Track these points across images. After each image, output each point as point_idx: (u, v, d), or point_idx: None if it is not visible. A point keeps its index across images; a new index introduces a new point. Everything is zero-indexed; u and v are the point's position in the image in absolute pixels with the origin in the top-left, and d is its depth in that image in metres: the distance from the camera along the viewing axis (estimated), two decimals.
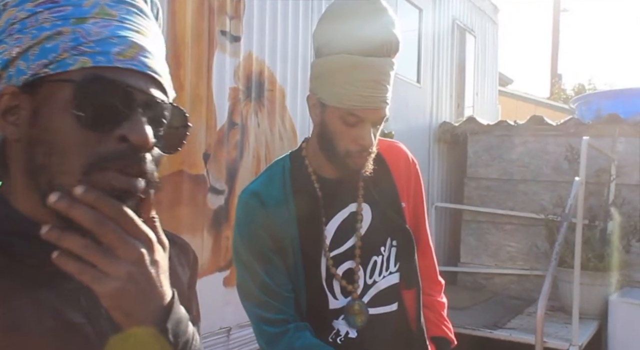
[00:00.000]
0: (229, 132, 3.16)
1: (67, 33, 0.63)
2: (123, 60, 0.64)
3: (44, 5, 0.64)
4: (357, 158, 1.33)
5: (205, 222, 3.03)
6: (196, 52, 2.92)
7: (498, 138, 5.78)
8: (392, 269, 1.47)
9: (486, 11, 7.68)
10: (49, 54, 0.63)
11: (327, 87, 1.31)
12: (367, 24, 1.29)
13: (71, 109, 0.61)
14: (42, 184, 0.63)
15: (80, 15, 0.64)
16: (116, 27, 0.65)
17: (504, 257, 5.67)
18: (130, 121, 0.63)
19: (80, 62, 0.62)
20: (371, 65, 1.27)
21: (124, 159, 0.62)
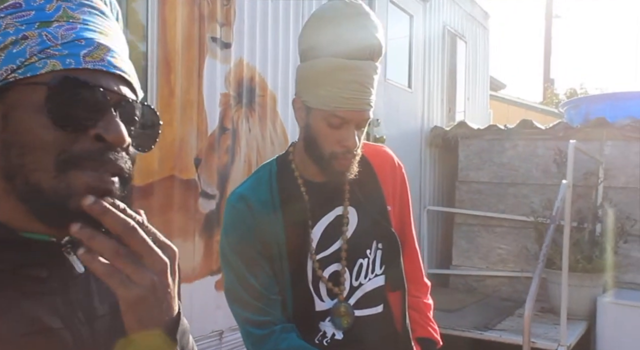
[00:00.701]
0: (220, 137, 3.19)
1: (33, 37, 0.63)
2: (92, 62, 0.64)
3: (6, 11, 0.64)
4: (342, 160, 1.35)
5: (197, 227, 3.05)
6: (187, 58, 2.95)
7: (488, 142, 5.83)
8: (378, 272, 1.49)
9: (476, 17, 7.74)
10: (16, 58, 0.63)
11: (311, 90, 1.34)
12: (350, 28, 1.32)
13: (45, 110, 0.62)
14: (18, 185, 0.63)
15: (44, 19, 0.64)
16: (81, 29, 0.66)
17: (494, 260, 5.71)
18: (105, 120, 0.63)
19: (50, 65, 0.63)
20: (354, 68, 1.30)
21: (100, 157, 0.63)
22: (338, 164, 1.35)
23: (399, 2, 5.49)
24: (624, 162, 5.08)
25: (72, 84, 0.62)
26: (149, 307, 0.58)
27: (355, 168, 1.39)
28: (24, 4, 0.64)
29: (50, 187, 0.62)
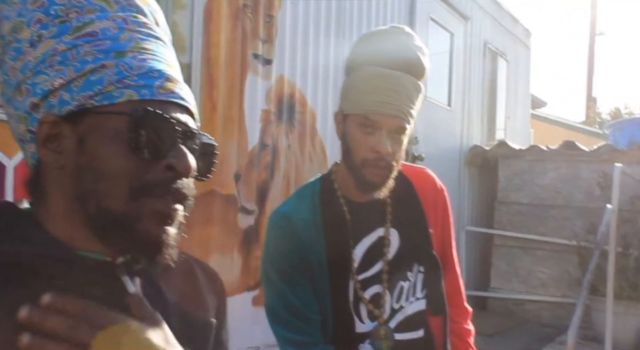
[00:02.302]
0: (260, 153, 3.21)
1: (111, 66, 0.66)
2: (164, 93, 0.68)
3: (84, 38, 0.66)
4: (373, 167, 1.33)
5: (236, 242, 3.07)
6: (229, 75, 2.99)
7: (529, 163, 5.72)
8: (419, 295, 1.47)
9: (518, 35, 7.65)
10: (94, 86, 0.65)
11: (348, 97, 1.37)
12: (390, 42, 1.36)
13: (124, 139, 0.65)
14: (89, 208, 0.65)
15: (119, 49, 0.67)
16: (151, 60, 0.68)
17: (535, 283, 5.56)
18: (175, 151, 0.67)
19: (127, 95, 0.66)
20: (390, 76, 1.32)
21: (169, 186, 0.66)
22: (369, 173, 1.34)
23: (440, 20, 5.47)
24: None
25: (149, 115, 0.65)
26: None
27: (391, 183, 1.38)
28: (100, 32, 0.66)
29: (121, 212, 0.65)
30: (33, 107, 0.66)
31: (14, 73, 0.67)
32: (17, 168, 2.08)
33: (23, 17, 0.66)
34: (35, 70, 0.66)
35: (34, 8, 0.66)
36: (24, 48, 0.66)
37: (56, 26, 0.66)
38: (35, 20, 0.66)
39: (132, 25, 0.69)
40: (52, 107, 0.66)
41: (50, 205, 0.69)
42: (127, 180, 0.65)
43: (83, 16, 0.66)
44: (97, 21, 0.67)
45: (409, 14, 4.89)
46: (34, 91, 0.66)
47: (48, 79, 0.65)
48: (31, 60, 0.66)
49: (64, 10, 0.66)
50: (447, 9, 5.62)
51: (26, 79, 0.66)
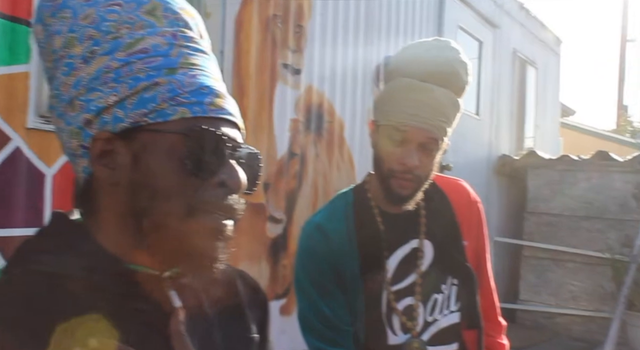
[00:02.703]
0: (288, 162, 3.22)
1: (164, 84, 0.66)
2: (215, 110, 0.68)
3: (136, 55, 0.67)
4: (399, 179, 1.32)
5: (264, 251, 3.07)
6: (259, 84, 3.00)
7: (560, 173, 5.63)
8: (453, 308, 1.45)
9: (548, 43, 7.56)
10: (148, 104, 0.66)
11: (382, 107, 1.36)
12: (430, 55, 1.34)
13: (179, 157, 0.65)
14: (145, 225, 0.66)
15: (170, 65, 0.67)
16: (202, 77, 0.69)
17: (566, 296, 5.45)
18: (227, 167, 0.68)
19: (180, 113, 0.66)
20: (425, 89, 1.31)
21: (221, 202, 0.67)
22: (395, 183, 1.33)
23: (468, 28, 5.44)
24: None
25: (203, 133, 0.66)
26: None
27: (419, 196, 1.37)
28: (151, 49, 0.67)
29: (176, 228, 0.66)
30: (86, 123, 0.67)
31: (66, 88, 0.67)
32: (55, 176, 2.12)
33: (75, 32, 0.67)
34: (89, 86, 0.66)
35: (86, 24, 0.66)
36: (77, 64, 0.67)
37: (108, 43, 0.66)
38: (87, 36, 0.66)
39: (181, 40, 0.69)
40: (105, 124, 0.66)
41: (101, 219, 0.70)
42: (182, 198, 0.66)
43: (134, 32, 0.67)
44: (148, 37, 0.67)
45: (437, 22, 4.87)
46: (87, 107, 0.67)
47: (102, 96, 0.66)
48: (84, 76, 0.66)
49: (115, 26, 0.67)
50: (476, 17, 5.58)
51: (79, 95, 0.67)
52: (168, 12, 0.70)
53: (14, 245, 0.70)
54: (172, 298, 0.71)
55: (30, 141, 2.04)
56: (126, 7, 0.68)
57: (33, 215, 2.04)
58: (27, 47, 2.02)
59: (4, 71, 1.96)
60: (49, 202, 2.10)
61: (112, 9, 0.67)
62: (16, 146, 2.00)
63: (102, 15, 0.67)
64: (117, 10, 0.67)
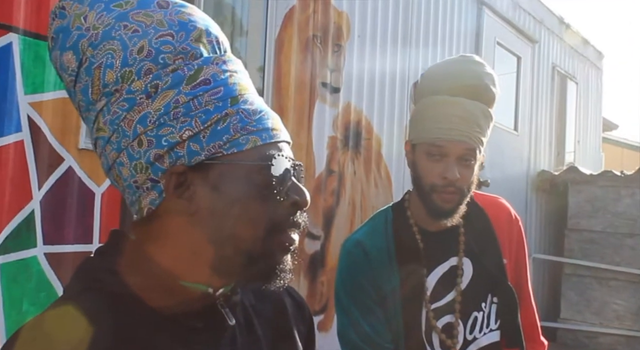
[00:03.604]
0: (326, 179, 3.26)
1: (232, 114, 0.68)
2: (277, 134, 0.71)
3: (201, 88, 0.67)
4: (442, 193, 1.34)
5: (302, 267, 3.10)
6: (299, 102, 3.06)
7: (602, 189, 5.51)
8: (493, 326, 1.45)
9: (589, 57, 7.44)
10: (223, 135, 0.67)
11: (416, 127, 1.39)
12: (457, 70, 1.38)
13: (257, 184, 0.68)
14: (227, 252, 0.69)
15: (232, 94, 0.69)
16: (254, 98, 0.72)
17: (609, 316, 5.31)
18: (294, 187, 0.71)
19: (252, 141, 0.68)
20: (456, 103, 1.34)
21: (294, 220, 0.71)
22: (438, 198, 1.34)
23: (507, 44, 5.41)
24: None
25: (277, 160, 0.69)
26: None
27: (463, 209, 1.38)
28: (212, 80, 0.68)
29: (258, 251, 0.69)
30: (157, 158, 0.67)
31: (129, 124, 0.67)
32: (104, 195, 2.21)
33: (131, 66, 0.66)
34: (158, 122, 0.66)
35: (142, 58, 0.66)
36: (139, 99, 0.66)
37: (169, 76, 0.67)
38: (145, 70, 0.66)
39: (229, 65, 0.71)
40: (179, 158, 0.67)
41: (168, 244, 0.71)
42: (263, 223, 0.69)
43: (189, 63, 0.68)
44: (205, 67, 0.68)
45: (475, 37, 4.87)
46: (157, 143, 0.66)
47: (174, 131, 0.66)
48: (151, 112, 0.66)
49: (171, 58, 0.67)
50: (514, 32, 5.55)
51: (147, 131, 0.66)
52: (210, 37, 0.71)
53: (64, 261, 0.74)
54: (226, 316, 0.73)
55: (81, 161, 2.13)
56: (177, 37, 0.67)
57: (83, 232, 2.12)
58: None
59: (58, 95, 2.05)
60: (98, 220, 2.18)
61: (166, 39, 0.67)
62: (69, 166, 2.10)
63: (157, 48, 0.66)
64: (170, 41, 0.67)
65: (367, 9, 3.57)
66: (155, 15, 0.68)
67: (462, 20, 4.67)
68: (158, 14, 0.68)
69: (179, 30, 0.68)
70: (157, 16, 0.68)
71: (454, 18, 4.54)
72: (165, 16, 0.68)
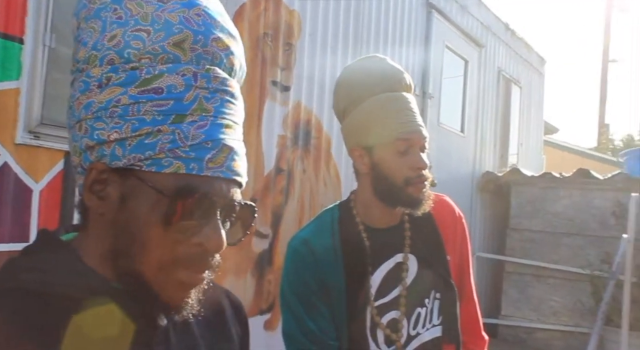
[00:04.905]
0: (275, 177, 3.25)
1: (166, 132, 0.64)
2: (213, 168, 0.65)
3: (148, 95, 0.64)
4: (417, 184, 1.37)
5: (249, 265, 3.09)
6: (248, 101, 3.04)
7: (542, 190, 5.72)
8: (435, 322, 1.48)
9: (532, 63, 7.70)
10: (146, 150, 0.64)
11: (369, 130, 1.39)
12: (379, 69, 1.42)
13: (159, 213, 0.64)
14: (120, 266, 0.66)
15: (180, 111, 0.65)
16: (210, 127, 0.66)
17: (547, 312, 5.51)
18: (209, 227, 0.66)
19: (175, 167, 0.64)
20: (399, 97, 1.38)
21: (197, 260, 0.66)
22: (414, 189, 1.37)
23: (455, 48, 5.53)
24: None
25: (191, 194, 0.64)
26: None
27: (431, 198, 1.41)
28: (165, 90, 0.65)
29: (149, 279, 0.65)
30: (88, 147, 0.66)
31: (78, 106, 0.67)
32: (43, 192, 2.13)
33: (98, 51, 0.65)
34: (97, 114, 0.65)
35: (110, 46, 0.65)
36: (92, 86, 0.66)
37: (126, 72, 0.65)
38: (108, 59, 0.65)
39: (201, 81, 0.66)
40: (104, 156, 0.65)
41: (90, 239, 0.70)
42: (158, 253, 0.65)
43: (154, 66, 0.65)
44: (167, 75, 0.65)
45: (424, 40, 4.96)
46: (91, 134, 0.66)
47: (105, 129, 0.65)
48: (95, 102, 0.65)
49: (137, 55, 0.64)
50: (462, 36, 5.69)
51: (87, 119, 0.66)
52: (197, 45, 0.66)
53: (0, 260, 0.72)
54: (157, 317, 0.71)
55: (18, 156, 2.05)
56: (154, 35, 0.65)
57: (19, 231, 2.04)
58: (18, 64, 2.04)
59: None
60: (35, 218, 2.10)
61: (139, 34, 0.64)
62: (4, 161, 2.01)
63: (127, 41, 0.64)
64: (143, 38, 0.64)
65: (319, 9, 3.58)
66: (147, 8, 0.66)
67: (412, 23, 4.74)
68: (150, 7, 0.66)
69: (159, 29, 0.65)
70: (148, 9, 0.66)
71: (404, 20, 4.61)
72: (157, 11, 0.65)
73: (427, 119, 4.72)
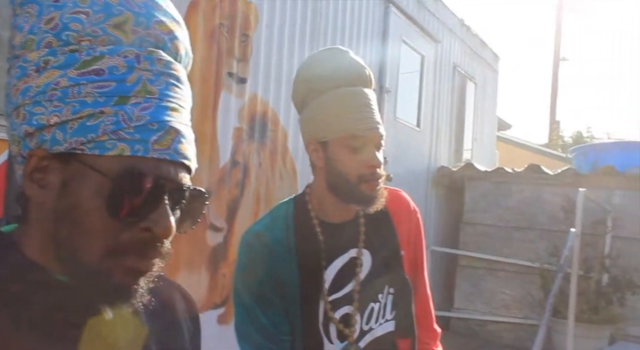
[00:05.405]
0: (231, 170, 3.21)
1: (109, 114, 0.62)
2: (159, 150, 0.63)
3: (88, 77, 0.62)
4: (370, 181, 1.35)
5: (204, 259, 3.04)
6: (203, 92, 2.99)
7: (495, 185, 5.84)
8: (388, 317, 1.48)
9: (487, 59, 7.85)
10: (88, 133, 0.62)
11: (325, 124, 1.37)
12: (340, 62, 1.39)
13: (103, 197, 0.62)
14: (63, 254, 0.64)
15: (123, 93, 0.63)
16: (155, 108, 0.64)
17: (498, 305, 5.64)
18: (157, 212, 0.63)
19: (119, 149, 0.62)
20: (359, 93, 1.36)
21: (145, 247, 0.64)
22: (368, 187, 1.36)
23: (411, 42, 5.58)
24: (633, 212, 5.06)
25: (135, 176, 0.62)
26: None
27: (386, 194, 1.40)
28: (107, 71, 0.63)
29: (93, 267, 0.63)
30: (27, 135, 0.64)
31: (15, 93, 0.65)
32: None
33: (35, 34, 0.63)
34: (35, 99, 0.63)
35: (47, 29, 0.63)
36: (29, 70, 0.63)
37: (65, 55, 0.63)
38: (45, 43, 0.63)
39: (144, 63, 0.64)
40: (44, 142, 0.63)
41: (31, 231, 0.67)
42: (103, 239, 0.62)
43: (94, 48, 0.63)
44: (107, 57, 0.63)
45: (381, 35, 4.98)
46: (29, 120, 0.63)
47: (45, 113, 0.63)
48: (33, 86, 0.63)
49: (76, 37, 0.62)
50: (419, 31, 5.74)
51: (25, 105, 0.64)
52: (139, 27, 0.65)
53: None
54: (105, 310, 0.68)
55: None
56: (93, 17, 0.63)
57: None
58: None
59: None
60: None
61: (77, 17, 0.63)
62: None
63: (65, 23, 0.62)
64: (82, 20, 0.63)
65: (276, 1, 3.55)
66: None
67: (369, 17, 4.76)
68: None
69: (99, 10, 0.63)
70: None
71: (361, 14, 4.62)
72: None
73: (384, 113, 4.76)
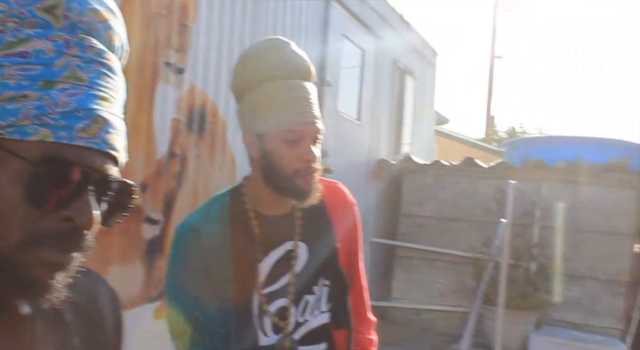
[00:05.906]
0: (168, 162, 3.15)
1: (33, 98, 0.60)
2: (85, 138, 0.61)
3: (13, 58, 0.60)
4: (305, 176, 1.36)
5: (138, 252, 2.98)
6: (140, 82, 2.92)
7: (432, 177, 5.99)
8: (324, 309, 1.50)
9: (425, 54, 8.01)
10: (8, 116, 0.59)
11: (262, 116, 1.37)
12: (280, 54, 1.38)
13: (23, 184, 0.59)
14: None
15: (49, 77, 0.60)
16: (84, 96, 0.62)
17: (434, 294, 5.81)
18: (79, 202, 0.62)
19: (42, 135, 0.60)
20: (297, 86, 1.36)
21: (65, 237, 0.62)
22: (302, 182, 1.36)
23: (352, 37, 5.63)
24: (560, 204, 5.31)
25: (56, 163, 0.60)
26: None
27: (320, 189, 1.40)
28: (33, 54, 0.60)
29: (10, 257, 0.60)
30: None
31: None
32: None
33: None
34: None
35: None
36: None
37: None
38: None
39: (75, 49, 0.62)
40: None
41: None
42: (21, 228, 0.60)
43: (21, 30, 0.60)
44: (35, 40, 0.61)
45: (322, 29, 5.00)
46: None
47: None
48: None
49: (1, 17, 0.60)
50: (359, 26, 5.79)
51: None
52: (72, 13, 0.62)
53: None
54: (19, 304, 0.67)
55: None
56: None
57: None
58: None
59: None
60: None
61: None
62: None
63: None
64: (9, 1, 0.60)
65: None
66: None
67: (310, 11, 4.76)
68: None
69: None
70: None
71: (302, 8, 4.62)
72: None
73: (324, 106, 4.78)
